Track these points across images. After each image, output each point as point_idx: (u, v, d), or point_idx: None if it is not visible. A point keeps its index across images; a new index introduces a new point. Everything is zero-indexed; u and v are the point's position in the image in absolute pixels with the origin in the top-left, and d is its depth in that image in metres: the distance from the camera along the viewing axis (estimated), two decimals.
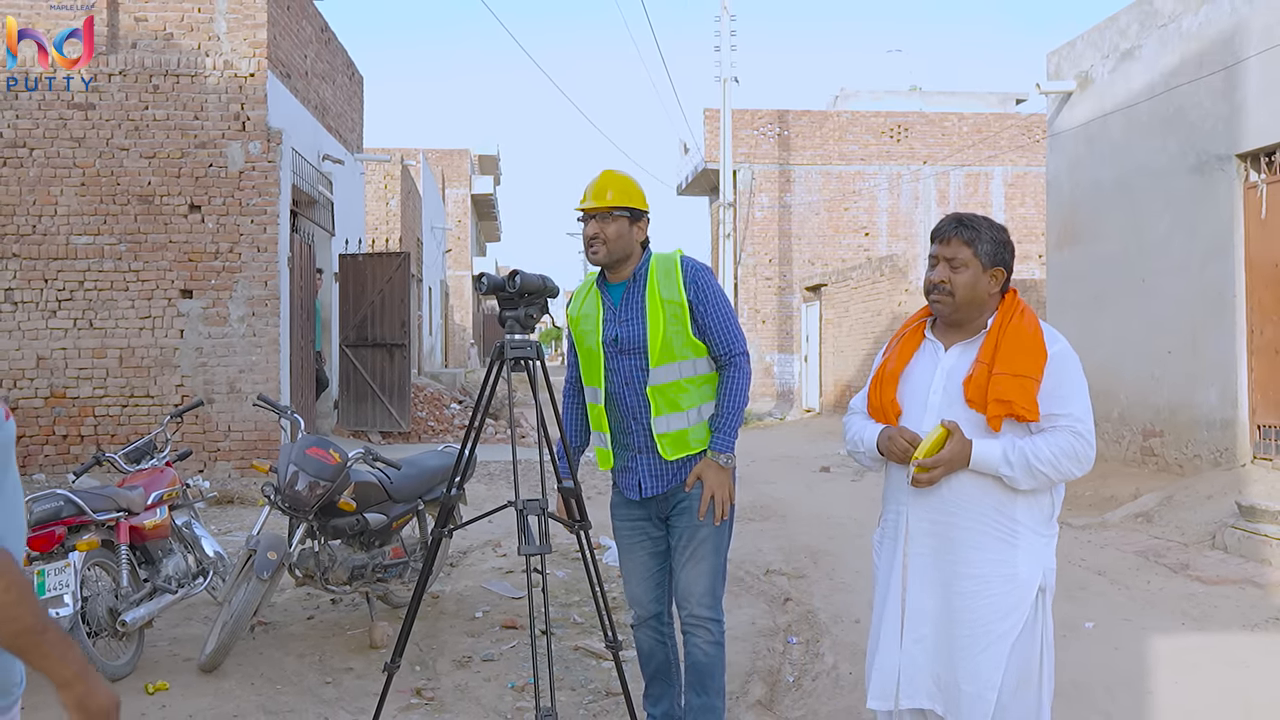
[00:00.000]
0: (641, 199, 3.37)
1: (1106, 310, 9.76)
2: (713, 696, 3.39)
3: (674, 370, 3.27)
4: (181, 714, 4.01)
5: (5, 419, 1.73)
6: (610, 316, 3.34)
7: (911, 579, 2.72)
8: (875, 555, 2.89)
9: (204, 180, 9.95)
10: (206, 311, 9.91)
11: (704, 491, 3.26)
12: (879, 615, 2.81)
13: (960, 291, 2.69)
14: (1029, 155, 22.81)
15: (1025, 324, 2.67)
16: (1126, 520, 7.77)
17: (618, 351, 3.31)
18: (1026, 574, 2.63)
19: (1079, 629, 5.00)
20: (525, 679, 4.45)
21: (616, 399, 3.35)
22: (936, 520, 2.68)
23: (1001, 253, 2.71)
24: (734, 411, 3.29)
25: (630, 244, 3.33)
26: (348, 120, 14.48)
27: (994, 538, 2.64)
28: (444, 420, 14.62)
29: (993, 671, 2.60)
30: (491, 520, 8.03)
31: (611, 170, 3.42)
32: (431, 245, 26.82)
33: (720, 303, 3.31)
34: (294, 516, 4.82)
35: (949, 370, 2.71)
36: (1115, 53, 9.80)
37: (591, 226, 3.29)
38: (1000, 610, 2.61)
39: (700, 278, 3.31)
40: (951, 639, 2.65)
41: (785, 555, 6.95)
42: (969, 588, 2.63)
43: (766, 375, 23.12)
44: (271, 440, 9.89)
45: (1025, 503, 2.65)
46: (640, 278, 3.34)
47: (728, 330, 3.30)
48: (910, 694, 2.70)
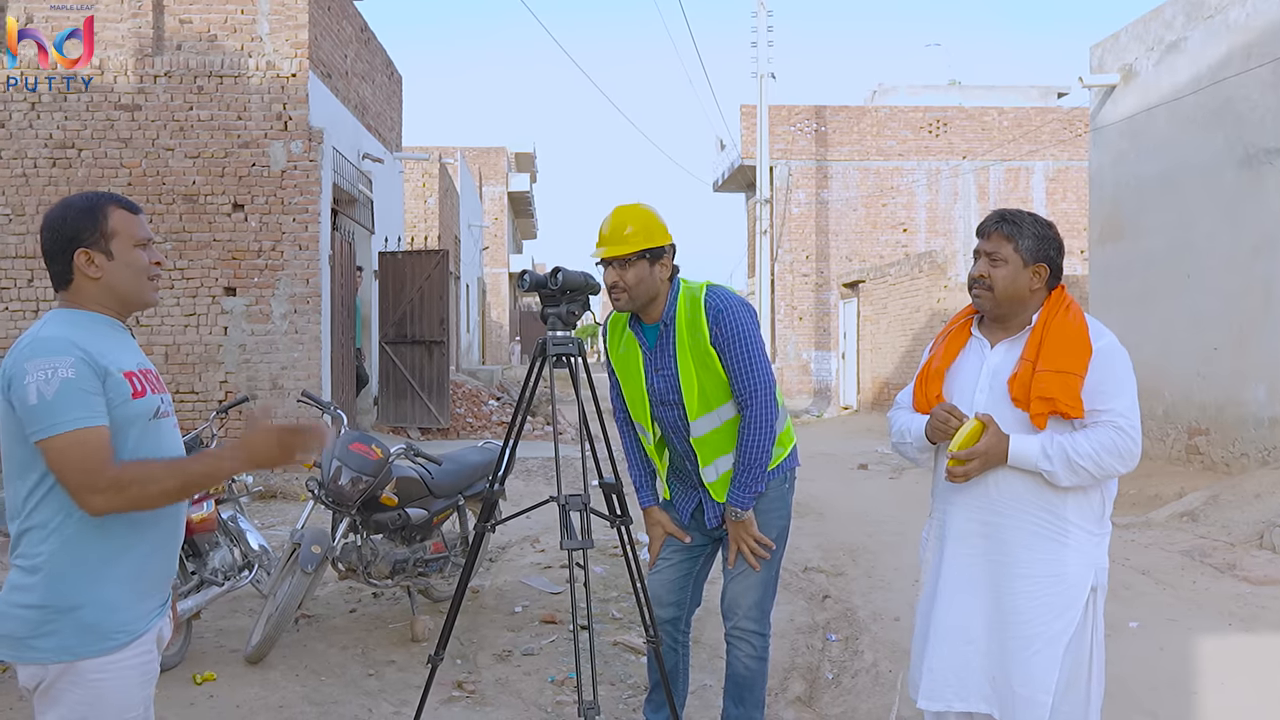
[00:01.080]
0: (661, 233, 3.20)
1: (1150, 307, 9.62)
2: (751, 708, 3.38)
3: (716, 416, 3.24)
4: (229, 704, 4.09)
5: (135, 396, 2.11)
6: (649, 364, 3.28)
7: (961, 579, 2.70)
8: (922, 552, 2.88)
9: (247, 179, 10.09)
10: (250, 309, 10.06)
11: (729, 546, 3.26)
12: (926, 614, 2.79)
13: (999, 286, 2.67)
14: (1071, 150, 22.51)
15: (1070, 320, 2.64)
16: (1171, 519, 7.65)
17: (659, 403, 3.29)
18: (1078, 574, 2.60)
19: (1123, 628, 4.94)
20: (565, 673, 4.49)
21: (668, 443, 3.37)
22: (986, 520, 2.66)
23: (1045, 249, 2.68)
24: (753, 464, 3.18)
25: (653, 286, 3.18)
26: (387, 119, 14.61)
27: (1044, 537, 2.61)
28: (482, 416, 14.72)
29: (1046, 674, 2.57)
30: (530, 516, 8.11)
31: (623, 207, 3.25)
32: (469, 243, 27.00)
33: (741, 341, 3.17)
34: (337, 511, 4.88)
35: (994, 368, 2.69)
36: (1160, 45, 9.65)
37: (610, 274, 3.16)
38: (1053, 611, 2.59)
39: (724, 319, 3.17)
40: (1004, 641, 2.63)
41: (824, 553, 6.93)
42: (1020, 588, 2.61)
43: (804, 373, 23.03)
44: None
45: (1075, 501, 2.62)
46: (669, 322, 3.23)
47: (748, 375, 3.17)
48: (964, 696, 2.68)
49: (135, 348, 2.27)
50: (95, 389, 2.05)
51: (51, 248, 2.17)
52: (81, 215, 2.16)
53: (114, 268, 2.17)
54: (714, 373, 3.19)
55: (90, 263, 2.16)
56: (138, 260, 2.20)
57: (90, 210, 2.17)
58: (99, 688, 2.08)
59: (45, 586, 2.06)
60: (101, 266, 2.16)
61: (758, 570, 3.28)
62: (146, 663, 2.16)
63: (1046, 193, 23.05)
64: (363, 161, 12.83)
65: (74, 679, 2.07)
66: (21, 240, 9.92)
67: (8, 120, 9.93)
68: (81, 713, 2.07)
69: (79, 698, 2.07)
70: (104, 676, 2.09)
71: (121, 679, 2.10)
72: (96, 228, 2.16)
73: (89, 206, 2.18)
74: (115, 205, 2.20)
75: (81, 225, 2.15)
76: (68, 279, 2.18)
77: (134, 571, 2.13)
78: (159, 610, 2.22)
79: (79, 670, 2.07)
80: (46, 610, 2.06)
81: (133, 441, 2.13)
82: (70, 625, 2.06)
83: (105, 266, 2.17)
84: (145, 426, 2.15)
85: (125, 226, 2.19)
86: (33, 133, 9.95)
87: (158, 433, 2.19)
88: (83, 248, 2.15)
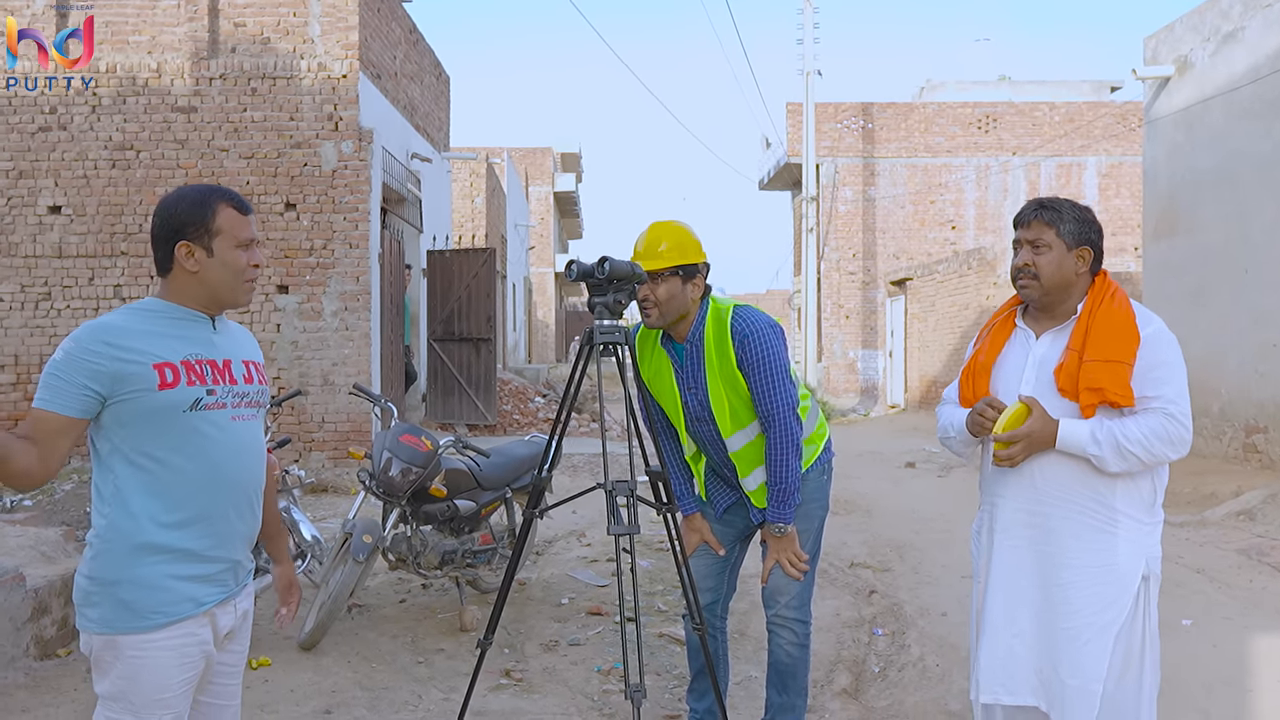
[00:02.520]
0: (695, 251, 3.23)
1: (1206, 302, 9.44)
2: (793, 696, 3.42)
3: (748, 434, 3.28)
4: (284, 688, 4.18)
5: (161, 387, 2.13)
6: (680, 381, 3.32)
7: (1009, 571, 2.67)
8: (974, 546, 2.86)
9: (299, 179, 10.27)
10: (301, 306, 10.24)
11: (767, 560, 3.30)
12: (979, 608, 2.77)
13: (1046, 272, 2.63)
14: (1124, 145, 22.12)
15: (1116, 307, 2.60)
16: (1227, 518, 7.51)
17: (694, 419, 3.33)
18: (1128, 564, 2.57)
19: (1177, 626, 4.87)
20: (611, 663, 4.52)
21: (705, 454, 3.42)
22: (1034, 511, 2.64)
23: (1086, 231, 2.65)
24: (783, 481, 3.21)
25: (684, 303, 3.22)
26: (435, 119, 14.77)
27: (1093, 527, 2.58)
28: (529, 413, 14.82)
29: (1097, 664, 2.54)
30: (576, 511, 8.18)
31: (659, 223, 3.28)
32: (515, 242, 27.18)
33: (764, 365, 3.19)
34: (388, 502, 4.97)
35: (1040, 359, 2.66)
36: (1216, 36, 9.46)
37: (642, 289, 3.18)
38: (1102, 601, 2.56)
39: (749, 344, 3.20)
40: (1053, 632, 2.60)
41: (870, 549, 6.90)
42: (1069, 578, 2.58)
43: (850, 371, 22.88)
44: (363, 431, 10.17)
45: (1124, 489, 2.59)
46: (697, 342, 3.26)
47: (770, 398, 3.19)
48: (1013, 690, 2.65)
49: (204, 340, 2.25)
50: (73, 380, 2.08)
51: (157, 234, 2.22)
52: (191, 208, 2.20)
53: (211, 265, 2.21)
54: (742, 393, 3.24)
55: (189, 256, 2.20)
56: (236, 261, 2.23)
57: (200, 204, 2.20)
58: (135, 664, 2.13)
59: (94, 559, 2.15)
60: (200, 262, 2.20)
61: (799, 580, 3.32)
62: (186, 646, 2.17)
63: (1099, 189, 22.67)
64: (411, 161, 12.98)
65: (115, 652, 2.14)
66: (83, 240, 10.18)
67: (69, 123, 10.20)
68: (121, 686, 2.14)
69: (119, 671, 2.14)
70: (140, 654, 2.13)
71: (157, 660, 2.14)
72: (203, 223, 2.19)
73: (200, 200, 2.21)
74: (226, 203, 2.23)
75: (189, 218, 2.19)
76: (167, 267, 2.22)
77: (175, 556, 2.16)
78: (213, 598, 2.23)
79: (118, 645, 2.14)
80: (94, 582, 2.14)
81: (172, 433, 2.15)
82: (110, 600, 2.13)
83: (203, 262, 2.20)
84: (183, 418, 2.16)
85: (231, 226, 2.22)
86: (93, 135, 10.22)
87: (204, 425, 2.19)
88: (185, 240, 2.19)
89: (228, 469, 2.23)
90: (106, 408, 2.12)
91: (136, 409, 2.12)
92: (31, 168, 10.18)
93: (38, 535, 5.26)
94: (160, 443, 2.14)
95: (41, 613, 4.46)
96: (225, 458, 2.22)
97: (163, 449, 2.15)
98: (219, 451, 2.21)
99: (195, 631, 2.19)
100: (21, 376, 10.14)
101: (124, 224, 10.20)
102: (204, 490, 2.19)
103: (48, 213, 10.21)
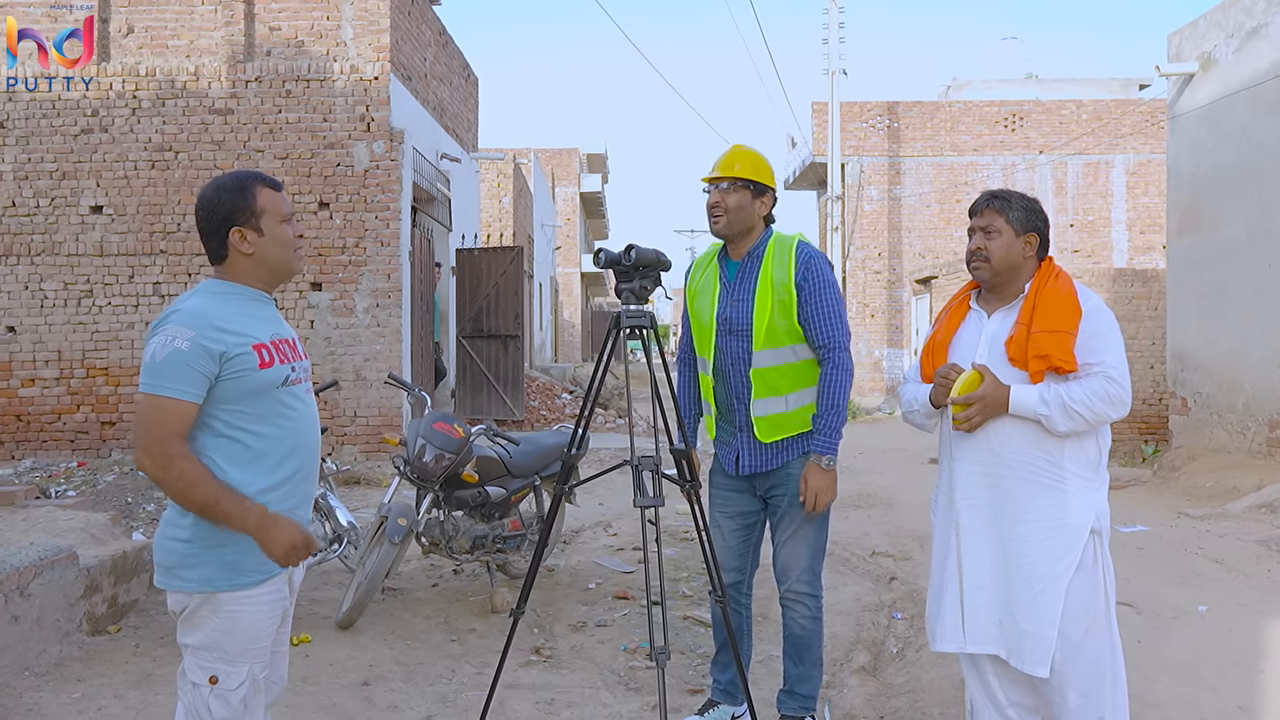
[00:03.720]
0: (769, 174, 3.44)
1: (1230, 298, 9.46)
2: (810, 666, 3.55)
3: (777, 355, 3.37)
4: (323, 662, 4.37)
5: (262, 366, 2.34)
6: (724, 294, 3.45)
7: (967, 531, 2.90)
8: (933, 514, 3.08)
9: (332, 179, 10.51)
10: (334, 303, 10.47)
11: (807, 490, 3.34)
12: (940, 567, 2.99)
13: (996, 255, 2.89)
14: (1153, 142, 21.99)
15: (1060, 286, 2.85)
16: (1249, 511, 7.56)
17: (727, 331, 3.43)
18: (1078, 518, 2.80)
19: (1192, 612, 4.96)
20: (638, 642, 4.68)
21: (723, 376, 3.48)
22: (989, 473, 2.87)
23: (1033, 219, 2.91)
24: (834, 411, 3.32)
25: (751, 217, 3.40)
26: (464, 120, 14.99)
27: (1044, 485, 2.81)
28: (556, 409, 15.01)
29: (1050, 611, 2.76)
30: (603, 503, 8.34)
31: (741, 145, 3.51)
32: (541, 242, 27.40)
33: (826, 293, 3.32)
34: (421, 487, 5.15)
35: (992, 335, 2.92)
36: (1240, 32, 9.49)
37: (714, 195, 3.38)
38: (1054, 553, 2.78)
39: (813, 265, 3.34)
40: (1009, 584, 2.83)
41: (891, 539, 7.00)
42: (1023, 534, 2.81)
43: (875, 370, 22.89)
44: (394, 425, 10.39)
45: (1072, 450, 2.82)
46: (756, 257, 3.41)
47: (829, 322, 3.32)
48: (976, 639, 2.88)
49: (275, 319, 2.48)
50: (202, 368, 2.27)
51: (208, 226, 2.39)
52: (233, 195, 2.38)
53: (265, 243, 2.40)
54: (788, 311, 3.34)
55: (244, 239, 2.38)
56: (285, 235, 2.43)
57: (240, 190, 2.38)
58: (234, 618, 2.36)
59: (195, 524, 2.34)
60: (254, 243, 2.39)
61: (813, 517, 3.42)
62: (277, 600, 2.44)
63: (1127, 186, 22.56)
64: (441, 161, 13.20)
65: (213, 608, 2.35)
66: (123, 239, 10.47)
67: (110, 125, 10.49)
68: (217, 639, 2.36)
69: (216, 625, 2.36)
70: (239, 609, 2.36)
71: (254, 612, 2.38)
72: (248, 206, 2.38)
73: (239, 186, 2.39)
74: (261, 184, 2.41)
75: (234, 205, 2.37)
76: (223, 255, 2.41)
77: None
78: None
79: (218, 601, 2.35)
80: (194, 545, 2.35)
81: (264, 408, 2.38)
82: (213, 560, 2.34)
83: (257, 243, 2.39)
84: (274, 394, 2.39)
85: (272, 204, 2.41)
86: (133, 136, 10.50)
87: (289, 400, 2.43)
88: (237, 226, 2.38)
89: (307, 437, 2.48)
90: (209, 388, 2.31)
91: (239, 387, 2.32)
92: (74, 169, 10.48)
93: (87, 519, 5.48)
94: (254, 416, 2.36)
95: (93, 590, 4.67)
96: (305, 427, 2.48)
97: (257, 422, 2.36)
98: (301, 422, 2.46)
99: (280, 587, 2.45)
100: (65, 371, 10.44)
101: (163, 223, 10.47)
102: (292, 457, 2.43)
103: (89, 212, 10.50)
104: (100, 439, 10.45)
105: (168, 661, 4.35)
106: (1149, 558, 6.23)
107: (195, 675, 2.36)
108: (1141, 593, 5.23)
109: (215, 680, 2.34)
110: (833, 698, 4.04)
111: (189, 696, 2.37)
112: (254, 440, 2.36)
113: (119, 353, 10.44)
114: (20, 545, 4.61)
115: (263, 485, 2.36)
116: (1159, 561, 6.11)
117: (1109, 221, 22.58)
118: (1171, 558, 6.25)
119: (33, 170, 10.46)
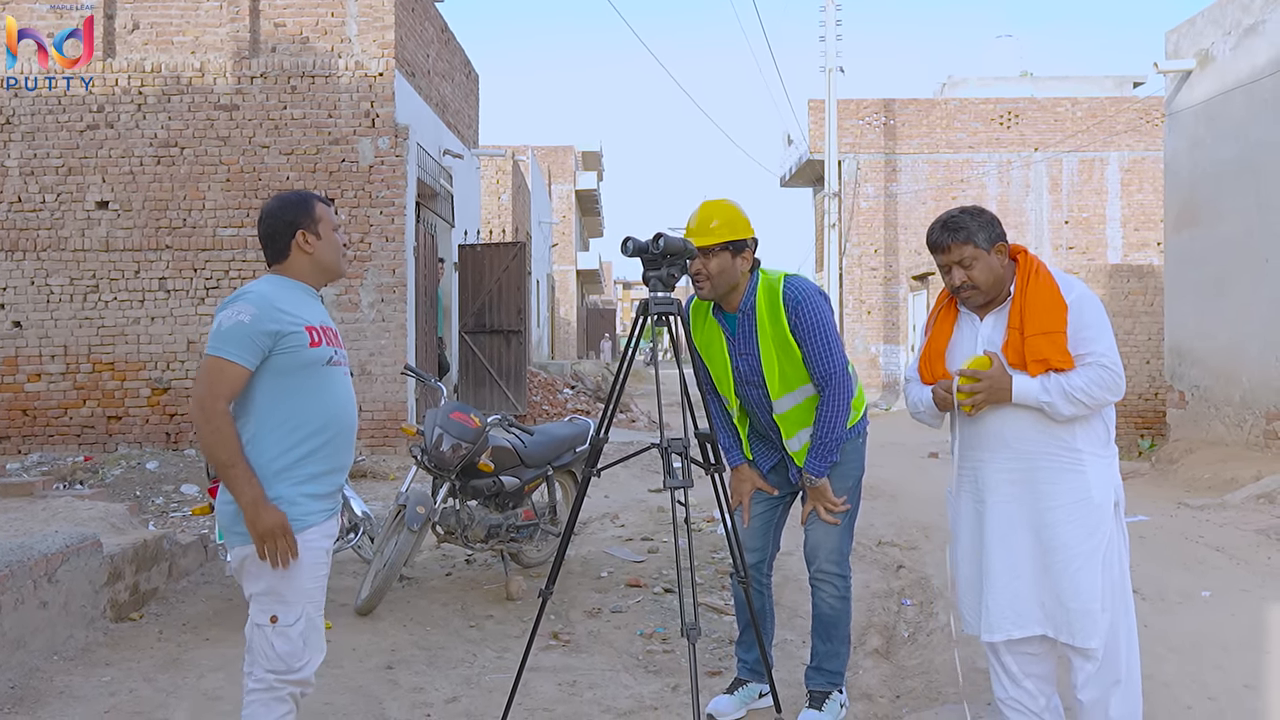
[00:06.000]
0: (744, 227, 3.45)
1: (1227, 292, 9.57)
2: (838, 644, 3.68)
3: (795, 396, 3.52)
4: (346, 647, 4.44)
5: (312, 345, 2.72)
6: (732, 349, 3.55)
7: (997, 524, 3.02)
8: (950, 508, 3.20)
9: (337, 174, 10.57)
10: (340, 298, 10.53)
11: (805, 505, 3.60)
12: (969, 561, 3.11)
13: (982, 280, 3.00)
14: (1147, 140, 22.15)
15: (1042, 282, 2.97)
16: (1247, 501, 7.66)
17: (743, 382, 3.57)
18: (1100, 494, 2.96)
19: (1196, 597, 5.05)
20: (653, 628, 4.76)
21: (751, 415, 3.66)
22: (1013, 469, 3.00)
23: (993, 230, 3.01)
24: (828, 436, 3.46)
25: (734, 276, 3.44)
26: (465, 117, 15.05)
27: (1065, 470, 2.96)
28: (558, 404, 15.09)
29: (1091, 586, 2.91)
30: (609, 495, 8.42)
31: (709, 201, 3.52)
32: (538, 239, 27.46)
33: (818, 333, 3.41)
34: (438, 475, 5.22)
35: (987, 338, 3.05)
36: (1238, 29, 9.59)
37: (695, 263, 3.39)
38: (1086, 529, 2.93)
39: (803, 308, 3.41)
40: (1048, 566, 2.96)
41: (897, 529, 7.09)
42: (1055, 518, 2.95)
43: (872, 366, 23.01)
44: (399, 419, 10.46)
45: (1082, 430, 2.97)
46: (749, 309, 3.49)
47: (825, 361, 3.43)
48: (1022, 624, 3.00)
49: (323, 311, 2.87)
50: (260, 341, 2.66)
51: (273, 230, 2.81)
52: (298, 206, 2.84)
53: (322, 246, 2.84)
54: (793, 358, 3.47)
55: (306, 241, 2.81)
56: (336, 241, 2.89)
57: (303, 202, 2.85)
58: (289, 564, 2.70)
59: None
60: (314, 245, 2.83)
61: (834, 525, 3.57)
62: (322, 549, 2.78)
63: (1122, 184, 22.71)
64: (444, 157, 13.26)
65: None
66: (129, 234, 10.51)
67: (116, 121, 10.53)
68: (274, 584, 2.71)
69: (273, 572, 2.69)
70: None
71: (305, 558, 2.71)
72: (310, 214, 2.83)
73: (301, 200, 2.86)
74: (318, 200, 2.88)
75: (298, 213, 2.82)
76: (284, 255, 2.82)
77: (305, 478, 2.75)
78: (329, 511, 2.83)
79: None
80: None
81: (310, 380, 2.74)
82: None
83: (315, 245, 2.83)
84: (320, 370, 2.77)
85: (326, 215, 2.87)
86: (139, 132, 10.54)
87: (331, 377, 2.80)
88: (302, 230, 2.81)
89: (345, 411, 2.85)
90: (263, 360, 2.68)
91: (291, 361, 2.70)
92: (80, 165, 10.52)
93: (106, 509, 5.55)
94: (301, 388, 2.73)
95: (116, 578, 4.74)
96: (344, 403, 2.85)
97: (302, 394, 2.73)
98: (341, 396, 2.84)
99: (325, 536, 2.80)
100: (71, 366, 10.48)
101: (169, 218, 10.52)
102: (330, 425, 2.79)
103: (95, 208, 10.55)
104: (106, 434, 10.50)
105: (192, 647, 4.42)
106: (1151, 546, 6.33)
107: (259, 618, 2.71)
108: (1146, 578, 5.32)
109: (275, 619, 2.69)
110: (849, 678, 4.13)
111: (254, 638, 2.71)
112: (298, 408, 2.71)
113: (125, 347, 10.49)
114: (45, 533, 4.67)
115: (305, 450, 2.71)
116: (1161, 549, 6.21)
117: (1104, 218, 22.73)
118: (1173, 546, 6.34)
119: (39, 166, 10.51)
